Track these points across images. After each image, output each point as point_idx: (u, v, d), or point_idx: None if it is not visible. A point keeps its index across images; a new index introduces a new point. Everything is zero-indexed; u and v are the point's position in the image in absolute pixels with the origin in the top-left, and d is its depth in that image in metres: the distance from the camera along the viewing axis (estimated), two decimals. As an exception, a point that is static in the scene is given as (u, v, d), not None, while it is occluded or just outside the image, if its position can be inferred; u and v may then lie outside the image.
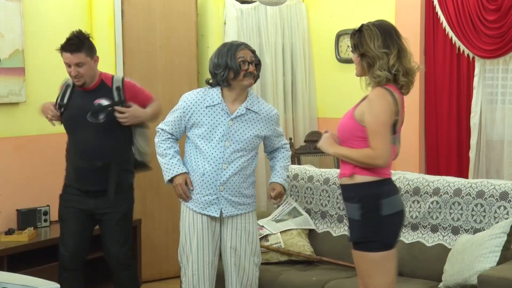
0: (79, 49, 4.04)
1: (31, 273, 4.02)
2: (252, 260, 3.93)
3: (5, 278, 3.46)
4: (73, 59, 4.04)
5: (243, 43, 3.93)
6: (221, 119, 3.82)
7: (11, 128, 4.88)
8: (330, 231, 4.67)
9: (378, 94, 3.20)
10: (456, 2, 5.42)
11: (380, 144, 3.15)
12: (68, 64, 4.08)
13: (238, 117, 3.83)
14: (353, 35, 3.29)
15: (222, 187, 3.82)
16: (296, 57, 6.20)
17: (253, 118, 3.87)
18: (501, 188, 4.07)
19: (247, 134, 3.84)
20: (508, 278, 3.54)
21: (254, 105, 3.88)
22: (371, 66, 3.22)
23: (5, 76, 4.75)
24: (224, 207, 3.85)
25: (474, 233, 4.08)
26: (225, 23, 5.73)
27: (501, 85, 5.37)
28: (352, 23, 6.03)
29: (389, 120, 3.18)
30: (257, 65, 3.87)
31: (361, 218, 3.21)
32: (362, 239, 3.22)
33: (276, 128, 4.00)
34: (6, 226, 4.78)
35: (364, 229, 3.21)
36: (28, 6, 4.90)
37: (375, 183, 3.22)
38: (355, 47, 3.27)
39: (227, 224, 3.88)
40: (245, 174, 3.88)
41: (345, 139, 3.28)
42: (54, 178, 5.05)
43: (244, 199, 3.91)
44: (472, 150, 5.45)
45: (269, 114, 3.93)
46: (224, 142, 3.80)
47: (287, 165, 4.09)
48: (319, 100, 6.36)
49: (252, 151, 3.89)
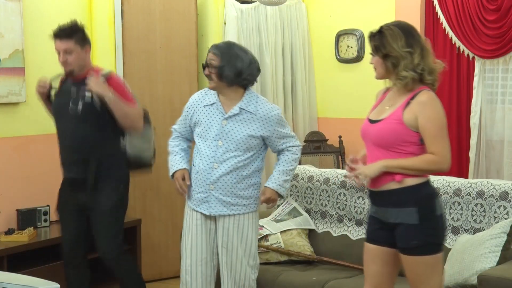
0: (69, 36, 4.06)
1: (31, 273, 4.01)
2: (246, 261, 3.88)
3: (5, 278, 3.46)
4: (62, 45, 4.06)
5: (213, 45, 3.88)
6: (215, 119, 3.82)
7: (11, 128, 4.88)
8: (330, 231, 4.67)
9: (430, 97, 3.13)
10: (456, 2, 5.42)
11: (443, 147, 3.10)
12: (58, 51, 4.10)
13: (231, 117, 3.81)
14: (373, 37, 3.21)
15: (212, 186, 3.82)
16: (296, 57, 6.20)
17: (248, 118, 3.82)
18: (501, 188, 4.07)
19: (240, 134, 3.80)
20: (508, 278, 3.54)
21: (250, 105, 3.83)
22: (396, 66, 3.14)
23: (5, 76, 4.75)
24: (213, 205, 3.84)
25: (474, 233, 4.08)
26: (225, 23, 5.73)
27: (501, 85, 5.37)
28: (352, 23, 6.10)
29: (445, 121, 3.14)
30: (217, 67, 3.76)
31: (419, 221, 3.11)
32: (422, 242, 3.12)
33: (277, 129, 3.88)
34: (6, 226, 4.78)
35: (424, 232, 3.12)
36: (28, 6, 4.90)
37: (425, 184, 3.18)
38: (376, 49, 3.19)
39: (220, 223, 3.88)
40: (241, 175, 3.82)
41: (389, 144, 3.17)
42: (54, 178, 5.04)
43: (239, 200, 3.85)
44: (472, 150, 5.45)
45: (267, 115, 3.84)
46: (217, 142, 3.80)
47: (287, 169, 3.93)
48: (319, 100, 6.36)
49: (248, 151, 3.82)
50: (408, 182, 3.14)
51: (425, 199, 3.15)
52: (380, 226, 3.26)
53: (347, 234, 4.60)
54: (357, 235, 4.55)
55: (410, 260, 3.16)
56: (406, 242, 3.15)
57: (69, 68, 4.10)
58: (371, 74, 6.22)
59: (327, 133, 6.09)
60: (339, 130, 6.05)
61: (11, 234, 4.64)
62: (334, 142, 6.02)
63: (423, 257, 3.13)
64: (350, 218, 4.61)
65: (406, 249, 3.16)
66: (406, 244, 3.15)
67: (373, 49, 3.22)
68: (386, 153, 3.18)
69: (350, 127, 6.07)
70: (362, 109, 6.00)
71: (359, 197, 4.58)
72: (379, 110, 3.29)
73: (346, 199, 4.63)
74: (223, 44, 3.93)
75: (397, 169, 3.14)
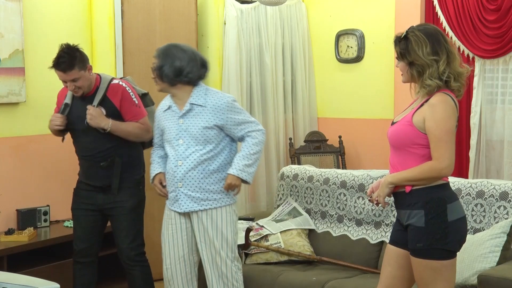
0: (71, 67, 4.06)
1: (31, 273, 4.02)
2: (225, 254, 3.94)
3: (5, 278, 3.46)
4: (67, 77, 4.10)
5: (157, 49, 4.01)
6: (173, 120, 3.97)
7: (11, 128, 4.88)
8: (330, 231, 4.67)
9: (441, 100, 3.09)
10: (456, 2, 5.42)
11: (446, 152, 3.06)
12: (64, 81, 4.15)
13: (185, 114, 3.93)
14: (398, 42, 3.16)
15: (180, 183, 3.92)
16: (296, 57, 6.20)
17: (200, 111, 3.92)
18: (501, 188, 4.07)
19: (195, 128, 3.90)
20: (508, 278, 3.54)
21: (200, 99, 3.93)
22: (421, 74, 3.11)
23: (5, 76, 4.74)
24: (183, 203, 3.93)
25: (474, 233, 4.08)
26: (225, 23, 5.73)
27: (501, 85, 5.37)
28: (352, 23, 6.10)
29: (453, 126, 3.09)
30: (156, 68, 3.90)
31: (426, 224, 3.09)
32: (426, 246, 3.10)
33: (231, 116, 3.93)
34: (6, 226, 4.78)
35: (430, 236, 3.09)
36: (28, 6, 4.90)
37: (438, 187, 3.14)
38: (402, 55, 3.15)
39: (194, 219, 3.97)
40: (207, 170, 3.91)
41: (401, 146, 3.17)
42: (54, 178, 5.06)
43: (209, 194, 3.93)
44: (472, 150, 5.45)
45: (216, 104, 3.92)
46: (178, 141, 3.93)
47: (247, 153, 3.93)
48: (319, 100, 6.36)
49: (208, 144, 3.90)
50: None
51: (434, 203, 3.11)
52: (399, 228, 3.27)
53: (347, 234, 4.60)
54: (357, 235, 4.55)
55: (415, 262, 3.15)
56: (412, 244, 3.14)
57: (81, 92, 4.18)
58: (371, 74, 6.27)
59: (327, 133, 6.09)
60: (339, 130, 6.06)
61: (11, 234, 4.64)
62: (334, 142, 6.02)
63: (428, 260, 3.11)
64: (350, 218, 4.61)
65: (412, 251, 3.15)
66: (412, 245, 3.15)
67: (399, 55, 3.17)
68: (400, 154, 3.19)
69: (350, 127, 6.08)
70: (362, 109, 6.07)
71: (359, 197, 4.58)
72: (404, 112, 3.28)
73: (346, 199, 4.63)
74: (162, 46, 4.02)
75: (401, 182, 3.15)
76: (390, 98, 5.76)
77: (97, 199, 4.27)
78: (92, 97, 4.20)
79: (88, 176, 4.29)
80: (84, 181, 4.32)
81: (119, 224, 4.28)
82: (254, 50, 5.90)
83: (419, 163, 3.13)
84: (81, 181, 4.35)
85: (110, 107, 4.19)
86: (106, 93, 4.19)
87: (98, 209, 4.29)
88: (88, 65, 4.18)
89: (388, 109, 5.80)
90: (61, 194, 4.94)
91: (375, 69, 5.94)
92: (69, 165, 4.76)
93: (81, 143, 4.27)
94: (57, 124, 4.22)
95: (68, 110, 4.24)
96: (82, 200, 4.31)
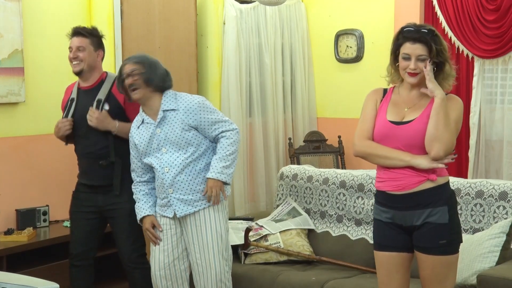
0: (85, 35, 4.16)
1: (30, 273, 4.01)
2: (220, 255, 3.92)
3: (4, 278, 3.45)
4: (76, 41, 4.15)
5: (126, 59, 3.99)
6: (149, 132, 3.92)
7: (10, 128, 4.88)
8: (330, 231, 4.68)
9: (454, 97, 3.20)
10: (455, 2, 5.42)
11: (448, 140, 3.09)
12: (71, 48, 4.16)
13: (160, 122, 3.90)
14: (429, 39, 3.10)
15: (171, 189, 3.89)
16: (296, 57, 6.21)
17: (174, 116, 3.90)
18: (500, 188, 4.07)
19: (174, 133, 3.88)
20: (507, 278, 3.54)
21: (171, 104, 3.92)
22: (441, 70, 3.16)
23: (4, 76, 4.74)
24: (176, 208, 3.90)
25: (473, 233, 4.08)
26: (224, 23, 5.73)
27: (500, 85, 5.38)
28: (351, 23, 6.10)
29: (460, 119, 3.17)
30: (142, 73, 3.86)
31: (449, 220, 3.10)
32: (448, 241, 3.10)
33: (204, 116, 3.91)
34: (5, 226, 4.78)
35: (452, 231, 3.11)
36: (28, 6, 4.90)
37: (449, 183, 3.19)
38: (438, 54, 3.11)
39: (188, 223, 3.93)
40: (194, 170, 3.89)
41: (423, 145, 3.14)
42: (53, 178, 5.06)
43: (200, 194, 3.91)
44: (471, 150, 5.45)
45: (188, 105, 3.91)
46: (161, 150, 3.90)
47: (224, 154, 3.89)
48: (319, 100, 6.36)
49: (190, 146, 3.88)
50: (440, 180, 3.14)
51: (452, 197, 3.17)
52: (398, 232, 3.22)
53: (346, 234, 4.60)
54: (356, 235, 4.55)
55: (432, 259, 3.13)
56: (433, 242, 3.12)
57: (79, 67, 4.15)
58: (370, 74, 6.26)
59: (327, 133, 6.09)
60: (339, 130, 6.06)
61: (10, 234, 4.64)
62: (334, 142, 6.02)
63: (446, 256, 3.12)
64: (349, 218, 4.61)
65: (432, 249, 3.13)
66: (432, 243, 3.12)
67: (435, 53, 3.12)
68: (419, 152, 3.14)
69: (349, 127, 6.07)
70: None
71: (358, 197, 4.58)
72: (396, 112, 3.23)
73: (345, 199, 4.63)
74: (137, 55, 4.01)
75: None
76: (389, 98, 5.76)
77: (97, 201, 4.23)
78: (94, 89, 4.18)
79: (88, 176, 4.26)
80: (84, 182, 4.28)
81: (120, 226, 4.24)
82: (254, 50, 5.90)
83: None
84: (80, 183, 4.32)
85: (114, 103, 4.17)
86: (112, 89, 4.18)
87: (98, 211, 4.25)
88: (100, 51, 4.22)
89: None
90: (60, 194, 4.94)
91: (374, 69, 5.91)
92: (69, 165, 4.75)
93: (82, 141, 4.23)
94: (67, 129, 4.20)
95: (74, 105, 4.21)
96: (81, 202, 4.27)
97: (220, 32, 5.74)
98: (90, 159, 4.21)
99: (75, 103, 4.23)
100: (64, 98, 4.34)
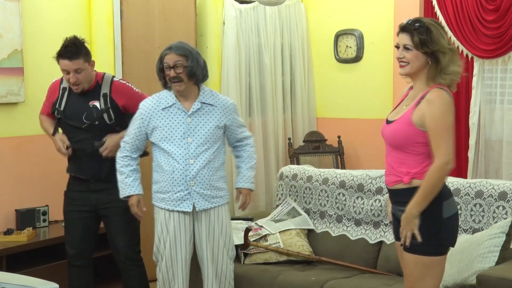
0: (77, 56, 4.06)
1: (29, 273, 4.01)
2: (226, 252, 3.99)
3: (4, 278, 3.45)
4: (72, 65, 4.06)
5: (170, 46, 3.91)
6: (179, 118, 3.90)
7: (10, 128, 4.88)
8: (329, 231, 4.67)
9: (438, 95, 3.09)
10: (455, 2, 5.42)
11: (446, 148, 3.06)
12: (67, 71, 4.10)
13: (195, 113, 3.91)
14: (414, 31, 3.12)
15: (192, 182, 3.89)
16: (295, 57, 6.20)
17: (210, 111, 3.93)
18: (500, 188, 4.07)
19: (207, 127, 3.90)
20: (507, 278, 3.54)
21: (209, 98, 3.95)
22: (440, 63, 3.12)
23: (4, 76, 4.74)
24: (196, 201, 3.91)
25: (473, 233, 4.08)
26: (224, 23, 5.73)
27: (500, 85, 5.37)
28: (351, 23, 6.10)
29: (451, 121, 3.10)
30: (186, 67, 3.84)
31: (422, 222, 3.10)
32: (420, 242, 3.10)
33: (236, 118, 4.05)
34: (5, 226, 4.78)
35: (425, 233, 3.10)
36: (27, 6, 4.90)
37: None
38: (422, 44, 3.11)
39: (201, 218, 3.95)
40: (213, 167, 3.93)
41: (402, 145, 3.15)
42: (53, 178, 5.05)
43: (216, 192, 3.95)
44: (471, 150, 5.45)
45: (225, 104, 3.98)
46: (187, 139, 3.89)
47: (253, 163, 4.13)
48: (318, 100, 6.36)
49: (216, 143, 3.94)
50: (415, 183, 3.14)
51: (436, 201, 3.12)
52: (397, 223, 3.28)
53: (346, 234, 4.60)
54: (356, 235, 4.55)
55: (407, 257, 3.18)
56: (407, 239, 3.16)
57: (81, 88, 4.15)
58: (370, 74, 6.27)
59: (326, 133, 6.09)
60: (338, 130, 6.06)
61: (10, 234, 4.64)
62: (333, 142, 6.02)
63: (419, 256, 3.13)
64: (349, 218, 4.61)
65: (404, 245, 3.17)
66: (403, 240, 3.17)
67: (417, 43, 3.12)
68: (399, 153, 3.18)
69: (349, 127, 6.08)
70: (361, 109, 6.07)
71: (358, 197, 4.58)
72: (398, 110, 3.28)
73: (345, 199, 4.63)
74: (180, 44, 3.94)
75: (423, 203, 3.09)
76: (389, 98, 5.75)
77: (90, 199, 4.22)
78: (91, 92, 4.18)
79: (78, 167, 4.23)
80: (74, 175, 4.25)
81: (115, 224, 4.23)
82: (253, 50, 5.90)
83: (418, 161, 3.14)
84: (72, 182, 4.29)
85: (114, 107, 4.19)
86: (111, 94, 4.18)
87: (92, 210, 4.24)
88: (92, 61, 4.18)
89: (387, 109, 5.75)
90: (60, 194, 4.91)
91: (374, 69, 5.94)
92: (68, 165, 4.76)
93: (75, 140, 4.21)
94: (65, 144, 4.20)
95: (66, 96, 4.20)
96: (75, 202, 4.26)
97: (219, 32, 5.74)
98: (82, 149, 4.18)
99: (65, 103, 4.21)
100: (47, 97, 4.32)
